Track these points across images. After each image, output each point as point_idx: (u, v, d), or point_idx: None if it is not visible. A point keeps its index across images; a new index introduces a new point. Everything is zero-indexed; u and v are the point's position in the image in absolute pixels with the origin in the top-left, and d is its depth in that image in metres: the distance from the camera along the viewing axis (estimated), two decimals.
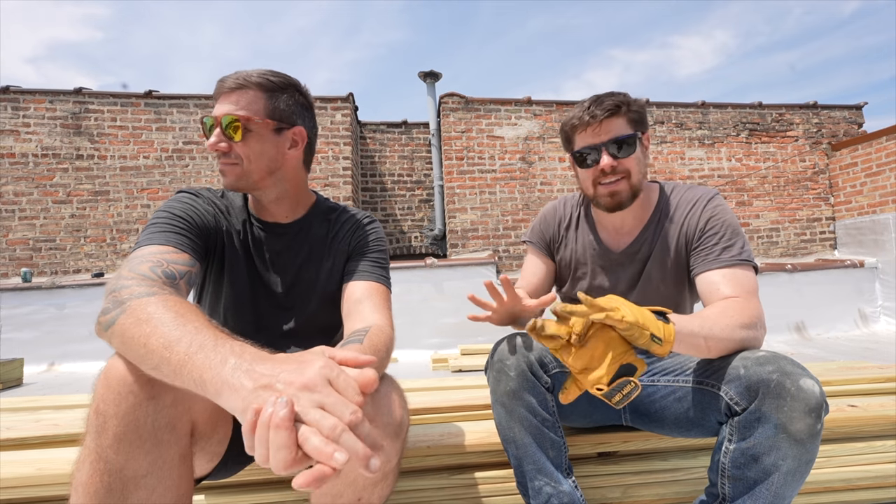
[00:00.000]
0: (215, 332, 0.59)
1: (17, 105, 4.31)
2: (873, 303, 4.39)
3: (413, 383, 1.63)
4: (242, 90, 0.86)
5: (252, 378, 0.51)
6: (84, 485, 0.63)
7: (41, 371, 3.59)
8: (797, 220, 5.13)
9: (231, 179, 0.89)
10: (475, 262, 4.02)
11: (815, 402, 0.74)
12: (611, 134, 0.99)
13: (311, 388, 0.48)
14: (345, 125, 4.66)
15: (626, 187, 1.01)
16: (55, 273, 4.31)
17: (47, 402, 1.50)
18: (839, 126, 5.25)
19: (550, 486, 0.92)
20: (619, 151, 0.99)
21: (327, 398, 0.48)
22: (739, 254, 0.95)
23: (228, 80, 0.87)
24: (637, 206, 1.07)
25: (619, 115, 0.99)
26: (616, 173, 1.01)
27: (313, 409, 0.47)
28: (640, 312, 0.74)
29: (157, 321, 0.60)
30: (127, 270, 0.72)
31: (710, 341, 0.81)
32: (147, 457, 0.63)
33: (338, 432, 0.45)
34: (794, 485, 0.78)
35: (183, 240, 0.83)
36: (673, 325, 0.76)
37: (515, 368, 0.91)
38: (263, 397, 0.48)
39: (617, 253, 1.11)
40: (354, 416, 0.47)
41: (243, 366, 0.53)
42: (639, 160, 1.02)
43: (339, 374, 0.51)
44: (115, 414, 0.62)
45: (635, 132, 1.01)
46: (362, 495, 0.71)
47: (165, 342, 0.57)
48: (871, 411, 1.22)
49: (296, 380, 0.49)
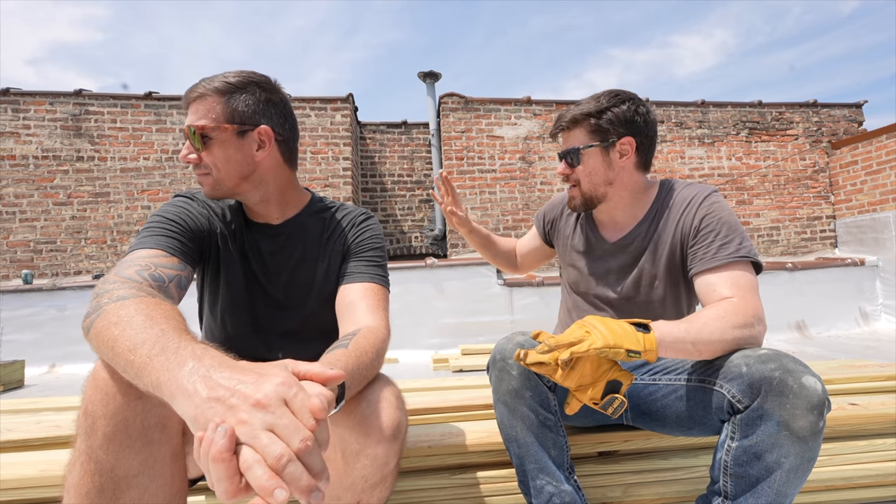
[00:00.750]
0: (181, 335, 0.57)
1: (17, 107, 4.31)
2: (874, 301, 4.39)
3: (414, 383, 1.63)
4: (202, 98, 0.85)
5: (207, 385, 0.49)
6: (76, 486, 0.63)
7: (42, 373, 3.60)
8: (797, 218, 5.13)
9: (207, 189, 0.89)
10: (475, 262, 4.02)
11: (818, 400, 0.73)
12: (567, 144, 1.09)
13: (264, 406, 0.46)
14: (344, 126, 4.66)
15: (577, 194, 1.10)
16: (56, 275, 4.31)
17: (48, 404, 1.50)
18: (839, 124, 5.25)
19: (552, 486, 0.92)
20: (572, 161, 1.08)
21: (279, 420, 0.46)
22: (737, 251, 0.95)
23: (192, 89, 0.86)
24: (629, 205, 1.10)
25: (577, 127, 1.06)
26: (569, 181, 1.10)
27: (263, 431, 0.45)
28: (613, 331, 0.78)
29: (125, 324, 0.59)
30: (114, 274, 0.72)
31: (699, 345, 0.82)
32: (138, 456, 0.63)
33: (283, 462, 0.43)
34: (796, 482, 0.78)
35: (174, 243, 0.83)
36: (654, 334, 0.80)
37: (517, 367, 0.91)
38: (215, 411, 0.47)
39: (609, 243, 1.13)
40: (304, 444, 0.45)
41: (200, 370, 0.51)
42: (591, 172, 1.06)
43: (296, 393, 0.49)
44: (104, 414, 0.62)
45: (591, 143, 1.05)
46: (361, 498, 0.71)
47: (130, 345, 0.56)
48: (872, 409, 1.22)
49: (251, 395, 0.47)
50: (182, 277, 0.80)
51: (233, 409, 0.47)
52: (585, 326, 0.81)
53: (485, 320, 3.93)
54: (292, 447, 0.44)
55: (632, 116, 1.03)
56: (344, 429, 0.71)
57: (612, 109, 1.03)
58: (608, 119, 1.03)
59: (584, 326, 0.81)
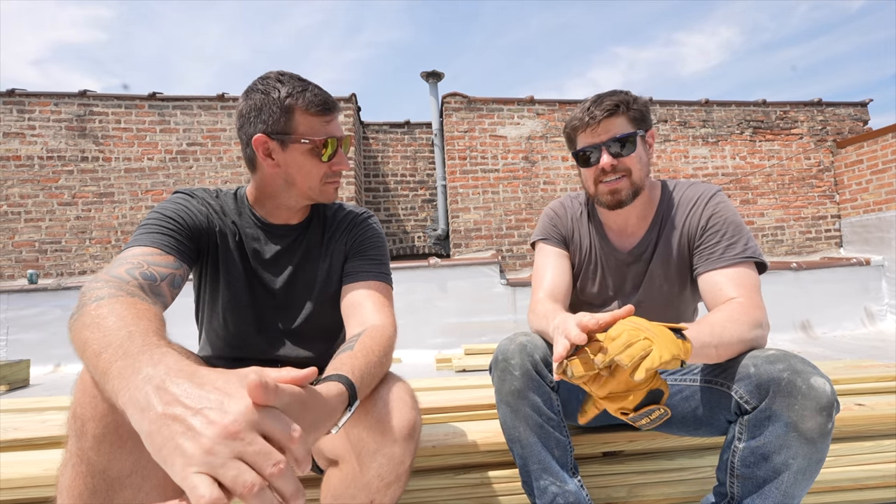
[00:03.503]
0: (146, 337, 0.54)
1: (22, 108, 4.34)
2: (880, 301, 4.36)
3: (417, 383, 1.63)
4: (337, 110, 0.93)
5: (162, 399, 0.45)
6: (68, 488, 0.63)
7: (47, 372, 3.61)
8: (802, 218, 5.10)
9: (336, 195, 0.98)
10: (478, 261, 4.01)
11: (827, 401, 0.73)
12: (610, 133, 1.00)
13: (232, 435, 0.42)
14: (347, 126, 4.66)
15: (628, 185, 1.01)
16: (61, 275, 4.33)
17: (53, 403, 1.50)
18: (844, 123, 5.22)
19: (556, 486, 0.92)
20: (620, 150, 1.00)
21: (249, 447, 0.42)
22: (743, 251, 0.95)
23: (330, 97, 0.92)
24: (641, 204, 1.07)
25: (618, 114, 1.00)
26: (616, 171, 1.01)
27: (231, 461, 0.41)
28: (667, 341, 0.70)
29: (96, 326, 0.57)
30: (103, 273, 0.72)
31: (720, 348, 0.81)
32: (130, 456, 0.63)
33: (254, 492, 0.41)
34: (804, 484, 0.77)
35: (170, 241, 0.82)
36: (690, 343, 0.74)
37: (520, 368, 0.91)
38: (172, 430, 0.43)
39: (624, 253, 1.10)
40: (276, 469, 0.42)
41: (155, 379, 0.47)
42: (640, 158, 1.02)
43: (263, 416, 0.44)
44: (93, 417, 0.61)
45: (636, 131, 1.01)
46: (375, 497, 0.71)
47: (98, 348, 0.54)
48: (879, 410, 1.21)
49: (217, 421, 0.42)
50: (176, 276, 0.79)
51: (194, 433, 0.42)
52: (642, 331, 0.70)
53: (488, 320, 3.92)
54: (263, 474, 0.42)
55: (648, 110, 1.05)
56: (361, 429, 0.70)
57: (639, 99, 1.02)
58: (641, 108, 1.02)
59: (639, 331, 0.70)
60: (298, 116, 0.85)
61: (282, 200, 0.94)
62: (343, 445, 0.74)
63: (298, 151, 0.87)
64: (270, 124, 0.85)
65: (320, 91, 0.87)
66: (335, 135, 0.88)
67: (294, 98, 0.84)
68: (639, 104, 1.02)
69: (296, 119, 0.85)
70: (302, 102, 0.84)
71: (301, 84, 0.86)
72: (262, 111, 0.85)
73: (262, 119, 0.85)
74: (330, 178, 0.91)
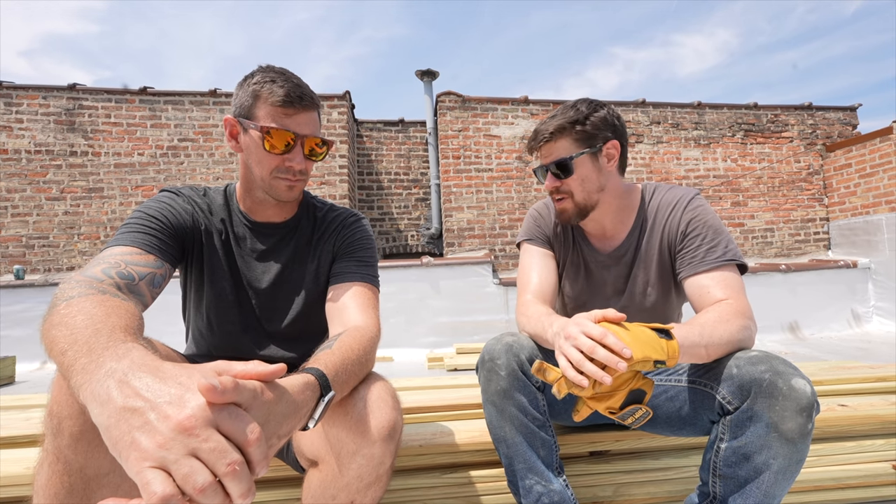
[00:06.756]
0: (112, 333, 0.53)
1: (9, 101, 4.27)
2: (866, 303, 4.42)
3: (408, 382, 1.63)
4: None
5: (122, 392, 0.44)
6: (45, 486, 0.62)
7: (34, 369, 3.57)
8: (791, 220, 5.16)
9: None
10: (471, 260, 4.02)
11: (807, 402, 0.74)
12: (552, 157, 1.05)
13: (187, 430, 0.41)
14: (341, 123, 4.64)
15: (571, 206, 1.05)
16: (48, 270, 4.28)
17: (38, 401, 1.49)
18: (834, 127, 5.28)
19: (541, 485, 0.92)
20: (561, 173, 1.04)
21: (204, 444, 0.41)
22: (724, 254, 0.96)
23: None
24: (612, 211, 1.08)
25: (562, 136, 1.03)
26: (560, 193, 1.06)
27: (185, 457, 0.40)
28: (641, 340, 0.72)
29: (64, 324, 0.56)
30: (78, 273, 0.71)
31: (710, 349, 0.82)
32: (108, 454, 0.62)
33: (206, 493, 0.40)
34: (784, 484, 0.78)
35: (151, 240, 0.82)
36: (677, 342, 0.76)
37: (506, 368, 0.91)
38: (129, 424, 0.42)
39: (604, 255, 1.11)
40: (231, 469, 0.41)
41: (117, 373, 0.46)
42: (583, 180, 1.03)
43: (221, 413, 0.43)
44: (70, 415, 0.61)
45: (581, 151, 1.02)
46: (355, 498, 0.71)
47: (64, 346, 0.53)
48: (862, 411, 1.23)
49: (172, 415, 0.41)
50: (156, 275, 0.78)
51: (150, 427, 0.41)
52: (620, 332, 0.74)
53: (480, 319, 3.93)
54: (217, 473, 0.41)
55: (612, 120, 1.04)
56: (340, 429, 0.70)
57: (594, 115, 1.02)
58: (593, 124, 1.02)
59: (618, 332, 0.74)
60: (261, 104, 0.86)
61: (257, 194, 0.94)
62: (323, 446, 0.73)
63: (253, 138, 0.87)
64: (239, 107, 0.88)
65: (293, 86, 0.86)
66: (295, 130, 0.86)
67: (261, 85, 0.86)
68: (592, 121, 1.01)
69: (258, 106, 0.86)
70: (266, 90, 0.85)
71: (277, 76, 0.86)
72: (238, 95, 0.89)
73: (236, 103, 0.89)
74: (282, 174, 0.88)
